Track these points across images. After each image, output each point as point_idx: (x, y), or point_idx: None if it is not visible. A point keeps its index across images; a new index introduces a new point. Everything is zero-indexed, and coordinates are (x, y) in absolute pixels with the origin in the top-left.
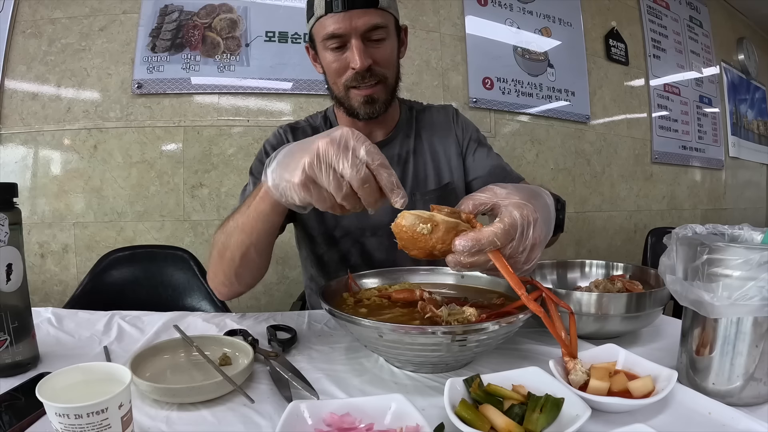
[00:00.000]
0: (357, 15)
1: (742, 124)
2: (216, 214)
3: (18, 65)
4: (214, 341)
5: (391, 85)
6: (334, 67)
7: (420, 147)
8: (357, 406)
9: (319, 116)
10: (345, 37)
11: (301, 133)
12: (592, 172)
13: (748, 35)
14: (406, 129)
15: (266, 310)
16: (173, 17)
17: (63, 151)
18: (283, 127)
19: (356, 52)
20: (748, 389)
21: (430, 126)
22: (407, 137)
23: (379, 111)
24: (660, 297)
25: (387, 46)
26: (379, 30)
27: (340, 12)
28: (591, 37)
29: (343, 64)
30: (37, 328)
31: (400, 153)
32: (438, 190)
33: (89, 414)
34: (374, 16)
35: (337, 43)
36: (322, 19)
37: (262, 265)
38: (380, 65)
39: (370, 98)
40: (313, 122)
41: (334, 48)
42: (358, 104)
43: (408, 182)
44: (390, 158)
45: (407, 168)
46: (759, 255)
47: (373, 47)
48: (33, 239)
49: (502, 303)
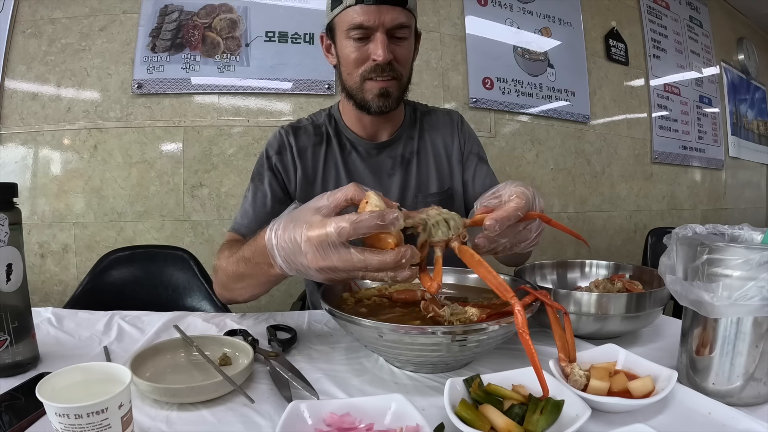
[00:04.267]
0: (386, 10)
1: (742, 124)
2: (216, 214)
3: (18, 65)
4: (214, 341)
5: (404, 84)
6: (353, 57)
7: (424, 149)
8: (357, 406)
9: (323, 114)
10: (371, 29)
11: (303, 133)
12: (592, 172)
13: (748, 35)
14: (410, 130)
15: (266, 310)
16: (173, 17)
17: (63, 151)
18: (285, 128)
19: (381, 45)
20: (748, 389)
21: (434, 129)
22: (411, 138)
23: (391, 106)
24: (660, 297)
25: (407, 46)
26: (403, 29)
27: (371, 5)
28: (591, 37)
29: (363, 54)
30: (37, 328)
31: (403, 153)
32: (440, 194)
33: (89, 414)
34: (401, 14)
35: (362, 34)
36: (351, 8)
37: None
38: (399, 62)
39: (385, 91)
40: (316, 120)
41: (358, 38)
42: (372, 96)
43: (411, 184)
44: (393, 158)
45: (410, 169)
46: (759, 255)
47: (395, 44)
48: (33, 239)
49: (502, 303)
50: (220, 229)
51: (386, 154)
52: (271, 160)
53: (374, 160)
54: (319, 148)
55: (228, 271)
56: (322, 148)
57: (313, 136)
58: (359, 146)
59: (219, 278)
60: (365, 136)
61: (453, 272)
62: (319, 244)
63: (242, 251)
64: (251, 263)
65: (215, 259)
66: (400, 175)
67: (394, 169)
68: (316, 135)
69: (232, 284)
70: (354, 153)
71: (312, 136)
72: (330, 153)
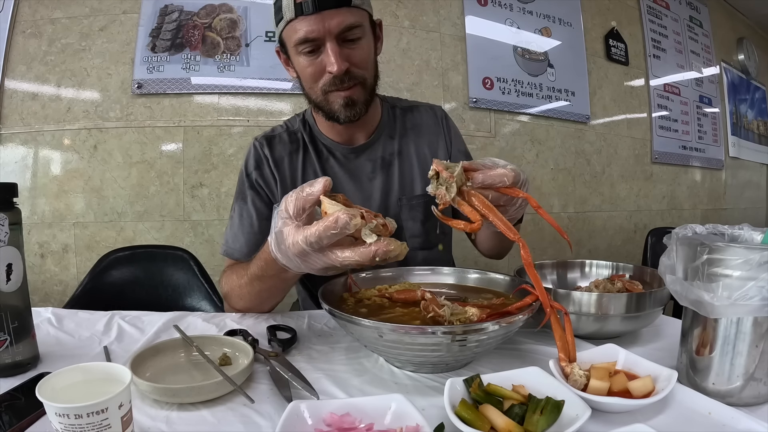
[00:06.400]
0: (329, 16)
1: (742, 124)
2: (216, 214)
3: (18, 65)
4: (214, 341)
5: (370, 85)
6: (309, 72)
7: (406, 149)
8: (357, 406)
9: (297, 119)
10: (318, 40)
11: (278, 143)
12: (592, 172)
13: (748, 35)
14: (389, 129)
15: None
16: (173, 17)
17: (63, 151)
18: (259, 140)
19: (332, 56)
20: (748, 389)
21: (417, 127)
22: (390, 138)
23: (359, 113)
24: (660, 297)
25: (363, 46)
26: (354, 29)
27: (311, 14)
28: (591, 37)
29: (318, 68)
30: (37, 328)
31: (383, 155)
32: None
33: (89, 414)
34: (347, 15)
35: (311, 47)
36: (292, 22)
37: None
38: (358, 66)
39: (350, 100)
40: (291, 126)
41: (308, 52)
42: (338, 107)
43: (394, 186)
44: (373, 161)
45: (392, 171)
46: (759, 255)
47: (349, 48)
48: (33, 239)
49: (502, 303)
50: (220, 229)
51: (365, 157)
52: (252, 177)
53: (353, 165)
54: (296, 156)
55: (244, 294)
56: (299, 156)
57: (289, 144)
58: (336, 151)
59: (235, 302)
60: (341, 141)
61: (453, 272)
62: (301, 255)
63: (250, 272)
64: (266, 278)
65: (221, 285)
66: (381, 178)
67: (374, 173)
68: (291, 143)
69: (256, 301)
70: (332, 159)
71: (287, 144)
72: (308, 160)
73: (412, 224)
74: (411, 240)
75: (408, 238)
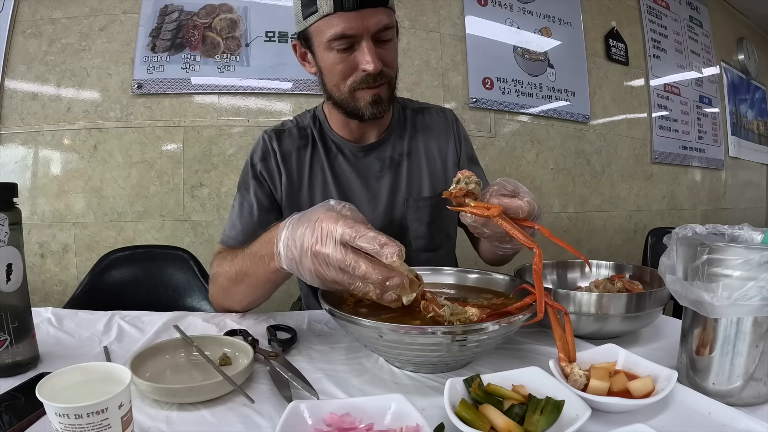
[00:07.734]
0: (369, 14)
1: (742, 124)
2: (216, 214)
3: (18, 65)
4: (214, 341)
5: (394, 85)
6: (339, 69)
7: (415, 150)
8: (357, 406)
9: (307, 115)
10: (355, 37)
11: (287, 137)
12: (592, 172)
13: (748, 35)
14: (399, 130)
15: (266, 311)
16: (173, 17)
17: (63, 151)
18: (268, 132)
19: (369, 54)
20: (748, 389)
21: (427, 129)
22: (400, 138)
23: (384, 110)
24: (660, 297)
25: (393, 47)
26: (388, 30)
27: (352, 11)
28: (591, 37)
29: (350, 65)
30: (37, 328)
31: (392, 155)
32: (432, 198)
33: (89, 414)
34: (384, 15)
35: (346, 43)
36: (329, 17)
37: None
38: (388, 66)
39: (378, 97)
40: (301, 121)
41: (342, 49)
42: (365, 104)
43: (401, 186)
44: (381, 160)
45: (400, 171)
46: (759, 255)
47: (382, 48)
48: (33, 239)
49: (503, 303)
50: (220, 229)
51: (374, 156)
52: (256, 167)
53: (361, 163)
54: (304, 152)
55: (229, 273)
56: (307, 151)
57: (298, 139)
58: (345, 149)
59: (219, 284)
60: (351, 139)
61: (453, 272)
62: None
63: (251, 246)
64: (256, 257)
65: (211, 270)
66: (389, 177)
67: (382, 172)
68: (300, 138)
69: (233, 287)
70: (340, 156)
71: (297, 139)
72: (316, 157)
73: (418, 225)
74: (415, 241)
75: (412, 239)
